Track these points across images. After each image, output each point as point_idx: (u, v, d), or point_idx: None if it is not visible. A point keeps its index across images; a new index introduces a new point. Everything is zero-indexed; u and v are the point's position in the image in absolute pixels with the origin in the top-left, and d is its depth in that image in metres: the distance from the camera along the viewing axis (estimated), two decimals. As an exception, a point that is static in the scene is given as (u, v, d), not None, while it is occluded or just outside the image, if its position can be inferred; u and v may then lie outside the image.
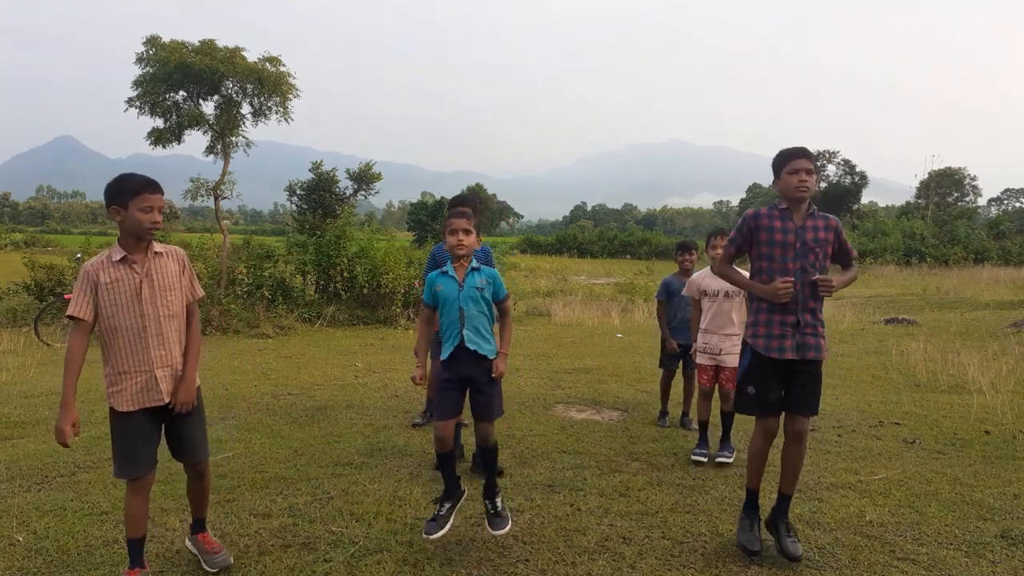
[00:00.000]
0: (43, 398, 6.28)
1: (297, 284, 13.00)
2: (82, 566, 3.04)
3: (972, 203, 64.82)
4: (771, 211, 3.24)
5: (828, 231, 3.20)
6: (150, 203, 2.75)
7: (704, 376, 4.82)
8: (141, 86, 35.32)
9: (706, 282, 4.79)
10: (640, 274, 28.19)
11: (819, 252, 3.17)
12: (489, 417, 3.29)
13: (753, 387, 3.24)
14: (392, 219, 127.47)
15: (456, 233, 3.27)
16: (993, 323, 11.94)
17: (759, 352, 3.22)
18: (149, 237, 2.80)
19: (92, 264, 2.82)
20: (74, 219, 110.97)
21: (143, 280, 2.80)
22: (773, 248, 3.18)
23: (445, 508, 3.25)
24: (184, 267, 2.95)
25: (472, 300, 3.27)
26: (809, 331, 3.17)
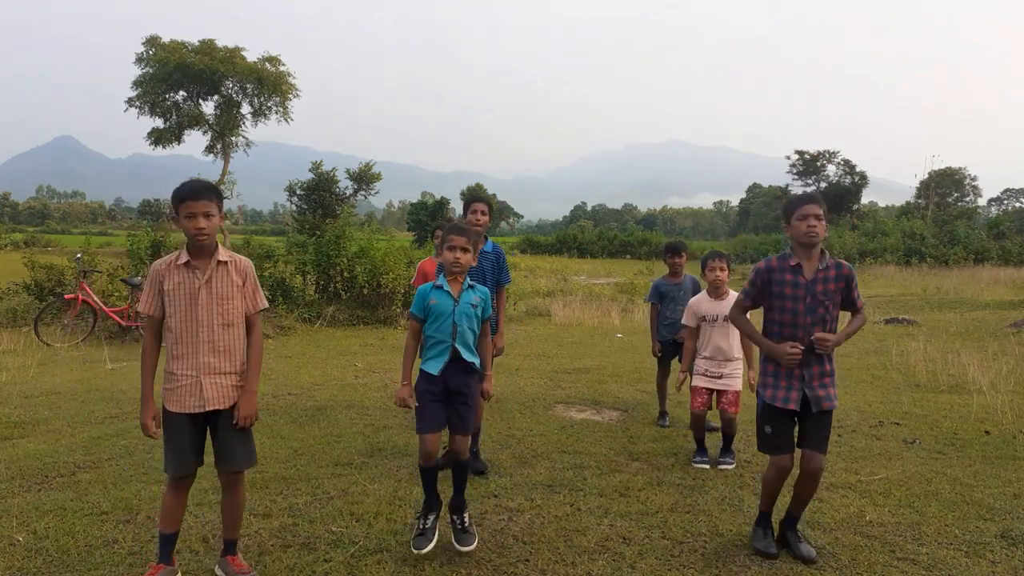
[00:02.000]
0: (43, 398, 6.28)
1: (297, 284, 12.99)
2: (82, 566, 3.04)
3: (972, 203, 64.87)
4: (781, 264, 3.25)
5: (839, 280, 3.22)
6: (192, 210, 2.76)
7: (699, 399, 4.70)
8: (141, 86, 35.16)
9: (704, 307, 4.75)
10: (640, 274, 28.19)
11: (829, 304, 3.20)
12: (466, 430, 3.30)
13: (770, 427, 3.30)
14: (392, 219, 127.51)
15: (455, 250, 3.27)
16: (993, 323, 11.94)
17: (767, 402, 3.29)
18: (199, 242, 2.80)
19: (159, 264, 2.86)
20: (74, 219, 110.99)
21: (202, 286, 2.81)
22: (784, 301, 3.23)
23: (430, 520, 3.23)
24: (247, 278, 2.94)
25: (466, 316, 3.27)
26: (816, 383, 3.20)
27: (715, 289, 4.72)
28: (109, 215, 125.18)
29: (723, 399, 4.68)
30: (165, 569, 2.87)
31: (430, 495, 3.29)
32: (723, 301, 4.67)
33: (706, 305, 4.75)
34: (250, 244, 13.85)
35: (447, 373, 3.25)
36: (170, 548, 2.91)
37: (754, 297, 3.35)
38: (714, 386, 4.69)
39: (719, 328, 4.66)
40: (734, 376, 4.67)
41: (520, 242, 57.51)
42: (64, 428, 5.28)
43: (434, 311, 3.27)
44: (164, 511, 2.89)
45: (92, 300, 10.27)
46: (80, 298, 10.23)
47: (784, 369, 3.23)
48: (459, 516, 3.29)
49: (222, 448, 2.91)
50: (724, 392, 4.68)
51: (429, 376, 3.28)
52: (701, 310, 4.76)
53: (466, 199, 4.75)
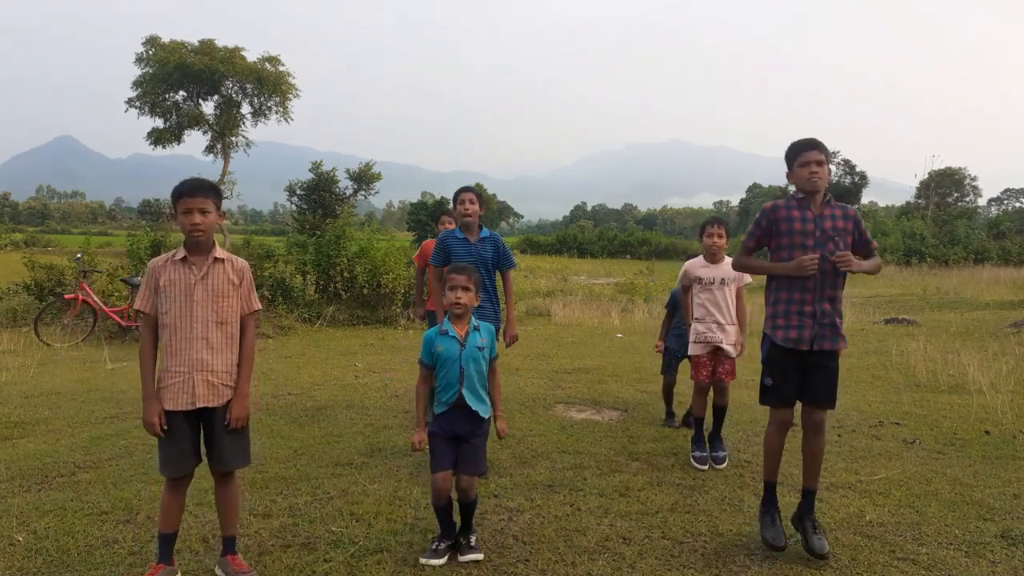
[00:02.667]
0: (43, 398, 6.28)
1: (297, 284, 12.99)
2: (82, 566, 3.04)
3: (972, 203, 64.85)
4: (788, 202, 3.26)
5: (847, 220, 3.21)
6: (188, 206, 2.78)
7: (703, 371, 4.69)
8: (141, 86, 35.20)
9: (699, 270, 4.73)
10: (640, 274, 28.17)
11: (838, 241, 3.17)
12: (474, 471, 3.24)
13: (771, 379, 3.26)
14: (392, 219, 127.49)
15: (455, 290, 3.23)
16: (993, 323, 11.94)
17: (777, 343, 3.24)
18: (194, 239, 2.81)
19: (157, 261, 2.88)
20: (74, 219, 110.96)
21: (198, 282, 2.82)
22: (793, 237, 3.20)
23: (443, 545, 3.20)
24: (243, 278, 2.95)
25: (473, 360, 3.24)
26: (827, 321, 3.18)
27: (711, 255, 4.71)
28: (109, 215, 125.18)
29: (720, 368, 4.67)
30: (165, 569, 2.87)
31: (445, 526, 3.25)
32: (719, 265, 4.67)
33: (701, 268, 4.73)
34: (250, 244, 13.84)
35: (453, 417, 3.24)
36: (170, 548, 2.91)
37: (759, 237, 3.32)
38: (713, 344, 4.63)
39: (715, 291, 4.64)
40: (730, 343, 4.65)
41: (520, 242, 57.50)
42: (64, 428, 5.27)
43: (441, 357, 3.25)
44: (163, 511, 2.90)
45: (92, 300, 10.27)
46: (80, 298, 10.23)
47: (795, 307, 3.19)
48: (466, 537, 3.27)
49: (214, 447, 2.91)
50: (721, 361, 4.67)
51: (437, 417, 3.29)
52: (696, 272, 4.74)
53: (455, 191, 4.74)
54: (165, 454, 2.85)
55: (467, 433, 3.24)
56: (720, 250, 4.70)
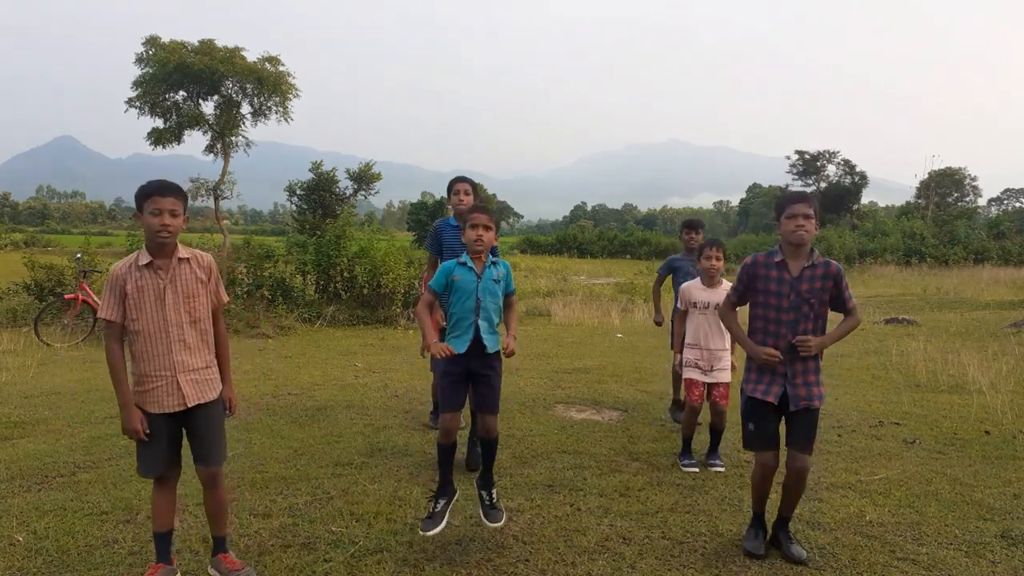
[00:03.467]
0: (43, 398, 6.28)
1: (297, 284, 12.98)
2: (82, 566, 3.04)
3: (972, 203, 64.86)
4: (768, 260, 3.25)
5: (827, 279, 3.19)
6: (159, 206, 2.74)
7: (695, 392, 4.68)
8: (141, 86, 35.16)
9: (696, 294, 4.73)
10: (640, 274, 28.18)
11: (814, 303, 3.18)
12: (493, 409, 3.33)
13: (752, 423, 3.31)
14: (392, 219, 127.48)
15: (477, 228, 3.29)
16: (993, 323, 11.94)
17: (748, 395, 3.30)
18: (160, 240, 2.77)
19: (119, 267, 2.82)
20: (74, 219, 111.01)
21: (167, 286, 2.80)
22: (768, 297, 3.23)
23: (440, 504, 3.26)
24: (211, 273, 2.95)
25: (489, 292, 3.30)
26: (799, 381, 3.20)
27: (709, 278, 4.71)
28: (109, 215, 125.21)
29: (714, 392, 4.67)
30: (164, 569, 2.87)
31: (444, 478, 3.31)
32: (716, 289, 4.66)
33: (698, 292, 4.72)
34: (250, 244, 13.81)
35: (469, 356, 3.26)
36: (167, 547, 2.91)
37: (741, 293, 3.37)
38: (706, 379, 4.67)
39: (710, 316, 4.64)
40: (724, 368, 4.66)
41: (520, 242, 57.49)
42: (64, 428, 5.27)
43: (457, 287, 3.29)
44: (154, 511, 2.91)
45: (92, 300, 10.27)
46: (80, 298, 10.23)
47: (768, 365, 3.23)
48: (487, 492, 3.34)
49: (200, 446, 2.90)
50: (716, 385, 4.67)
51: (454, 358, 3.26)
52: (693, 296, 4.74)
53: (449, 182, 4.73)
54: (144, 456, 2.84)
55: (481, 366, 3.29)
56: (717, 272, 4.70)
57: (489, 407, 3.32)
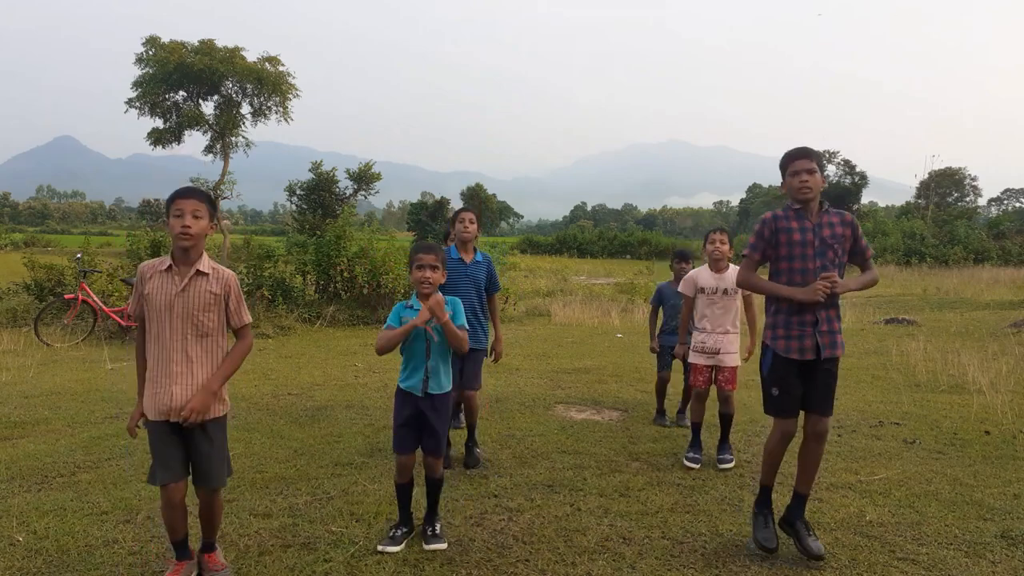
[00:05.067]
0: (43, 398, 6.28)
1: (297, 284, 12.99)
2: (82, 566, 3.04)
3: (972, 203, 64.82)
4: (786, 212, 3.24)
5: (844, 227, 3.19)
6: (180, 207, 2.75)
7: (700, 377, 4.69)
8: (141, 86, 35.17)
9: (704, 279, 4.71)
10: (640, 274, 28.20)
11: (837, 248, 3.16)
12: (437, 453, 3.35)
13: (777, 388, 3.23)
14: (392, 219, 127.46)
15: (423, 269, 3.25)
16: (993, 323, 11.94)
17: (779, 354, 3.22)
18: (182, 244, 2.77)
19: (144, 265, 2.87)
20: (74, 219, 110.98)
21: (178, 295, 2.78)
22: (792, 248, 3.18)
23: (401, 532, 3.32)
24: (230, 291, 2.89)
25: (438, 331, 3.27)
26: (825, 328, 3.17)
27: (715, 262, 4.69)
28: (109, 215, 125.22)
29: (720, 376, 4.64)
30: (188, 565, 2.91)
31: (403, 514, 3.38)
32: (723, 275, 4.65)
33: (706, 277, 4.70)
34: (250, 244, 13.83)
35: (419, 401, 3.29)
36: (184, 548, 2.94)
37: (763, 248, 3.29)
38: (711, 362, 4.66)
39: (718, 301, 4.62)
40: (731, 351, 4.64)
41: (520, 242, 57.49)
42: (64, 428, 5.27)
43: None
44: (165, 522, 2.89)
45: (92, 300, 10.27)
46: (80, 298, 10.23)
47: (796, 317, 3.16)
48: (431, 526, 3.37)
49: (199, 464, 2.86)
50: (721, 369, 4.65)
51: (403, 397, 3.34)
52: (700, 281, 4.72)
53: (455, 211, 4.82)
54: (154, 461, 2.83)
55: (429, 412, 3.30)
56: (723, 257, 4.69)
57: (432, 451, 3.35)
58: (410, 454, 3.34)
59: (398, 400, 3.36)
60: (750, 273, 3.36)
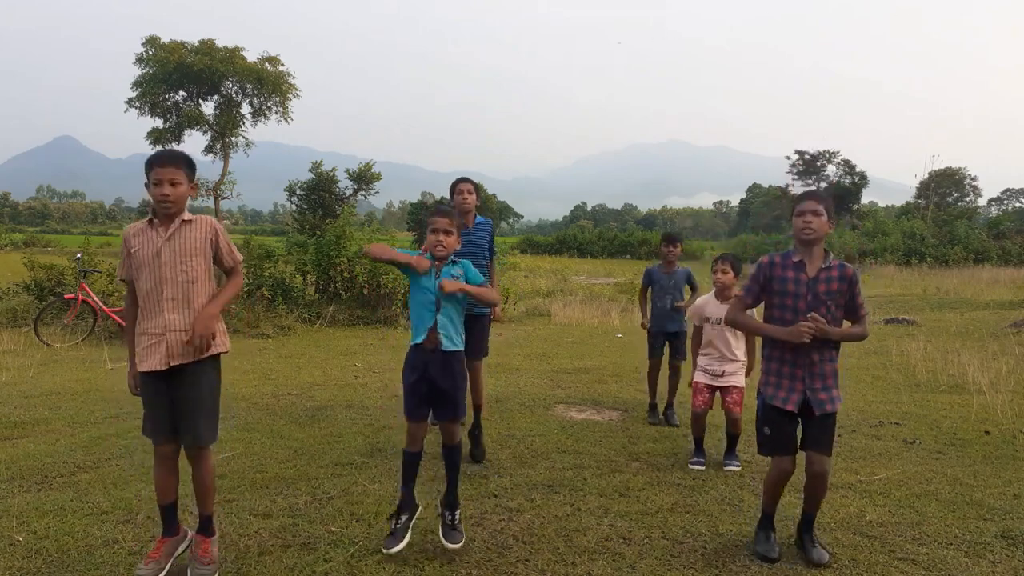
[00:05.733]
0: (43, 398, 6.28)
1: (297, 284, 12.99)
2: (82, 566, 3.04)
3: (972, 203, 64.84)
4: (785, 261, 3.22)
5: (842, 282, 3.17)
6: (159, 176, 2.76)
7: (699, 398, 4.68)
8: (141, 86, 35.22)
9: (709, 309, 4.75)
10: (640, 274, 28.23)
11: (831, 304, 3.15)
12: (452, 416, 3.26)
13: (768, 428, 3.25)
14: (392, 219, 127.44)
15: (437, 233, 3.21)
16: (993, 323, 11.95)
17: (767, 401, 3.25)
18: (163, 210, 2.79)
19: (128, 228, 2.91)
20: (74, 219, 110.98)
21: (164, 244, 2.82)
22: (785, 298, 3.19)
23: (402, 520, 3.21)
24: (215, 234, 2.92)
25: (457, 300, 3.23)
26: (819, 385, 3.16)
27: (720, 292, 4.73)
28: (109, 215, 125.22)
29: (727, 398, 4.64)
30: (170, 542, 2.93)
31: (406, 491, 3.26)
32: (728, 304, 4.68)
33: (712, 307, 4.73)
34: (250, 244, 13.81)
35: (428, 364, 3.20)
36: (172, 518, 2.95)
37: (756, 294, 3.31)
38: (716, 383, 4.67)
39: (721, 330, 4.64)
40: (737, 373, 4.66)
41: (520, 242, 57.48)
42: (64, 428, 5.27)
43: (417, 284, 3.24)
44: (156, 485, 2.93)
45: (92, 300, 10.27)
46: (80, 298, 10.23)
47: (786, 368, 3.19)
48: (451, 512, 3.28)
49: (185, 415, 2.85)
50: (728, 391, 4.64)
51: (411, 358, 3.24)
52: (706, 311, 4.76)
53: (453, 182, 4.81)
54: (145, 416, 2.88)
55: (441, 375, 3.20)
56: (727, 287, 4.70)
57: (448, 415, 3.25)
58: (421, 421, 3.24)
59: (407, 360, 3.26)
60: (738, 313, 3.42)
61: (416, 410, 3.24)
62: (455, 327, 3.26)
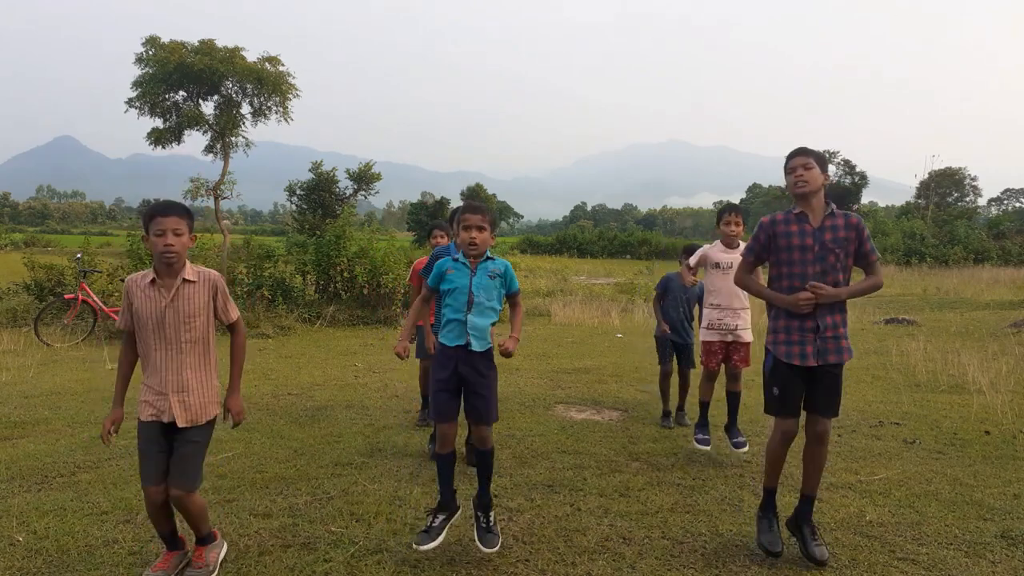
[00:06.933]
0: (43, 398, 6.28)
1: (297, 284, 12.99)
2: (82, 566, 3.04)
3: (972, 203, 64.81)
4: (787, 216, 3.22)
5: (849, 230, 3.14)
6: (162, 226, 2.76)
7: (713, 359, 4.68)
8: (141, 86, 35.16)
9: (718, 255, 4.72)
10: (640, 274, 28.18)
11: (839, 252, 3.12)
12: (487, 420, 3.19)
13: (778, 388, 3.22)
14: (392, 219, 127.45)
15: (470, 230, 3.14)
16: (993, 323, 11.94)
17: (779, 359, 3.21)
18: (166, 260, 2.78)
19: (130, 279, 2.90)
20: (74, 219, 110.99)
21: (168, 306, 2.81)
22: (792, 252, 3.17)
23: (439, 520, 3.16)
24: (217, 290, 2.93)
25: (483, 288, 3.16)
26: (830, 334, 3.14)
27: (729, 243, 4.73)
28: (109, 215, 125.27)
29: (736, 355, 4.64)
30: (178, 555, 2.95)
31: (445, 492, 3.22)
32: (736, 251, 4.67)
33: (718, 253, 4.72)
34: (250, 244, 13.82)
35: (459, 360, 3.14)
36: (174, 538, 2.98)
37: (758, 252, 3.30)
38: (725, 339, 4.64)
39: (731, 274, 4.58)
40: (745, 328, 4.65)
41: (520, 242, 57.46)
42: (64, 428, 5.27)
43: (450, 281, 3.17)
44: (152, 520, 2.95)
45: (92, 300, 10.28)
46: (80, 298, 10.24)
47: (796, 322, 3.16)
48: (484, 514, 3.21)
49: (176, 466, 2.86)
50: (737, 347, 4.64)
51: (440, 357, 3.18)
52: (714, 257, 4.73)
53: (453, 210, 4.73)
54: (142, 464, 2.87)
55: (472, 374, 3.14)
56: (736, 238, 4.71)
57: (481, 418, 3.17)
58: (452, 422, 3.17)
59: (436, 359, 3.19)
60: (745, 275, 3.41)
61: (446, 410, 3.16)
62: (485, 325, 3.18)
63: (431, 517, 3.19)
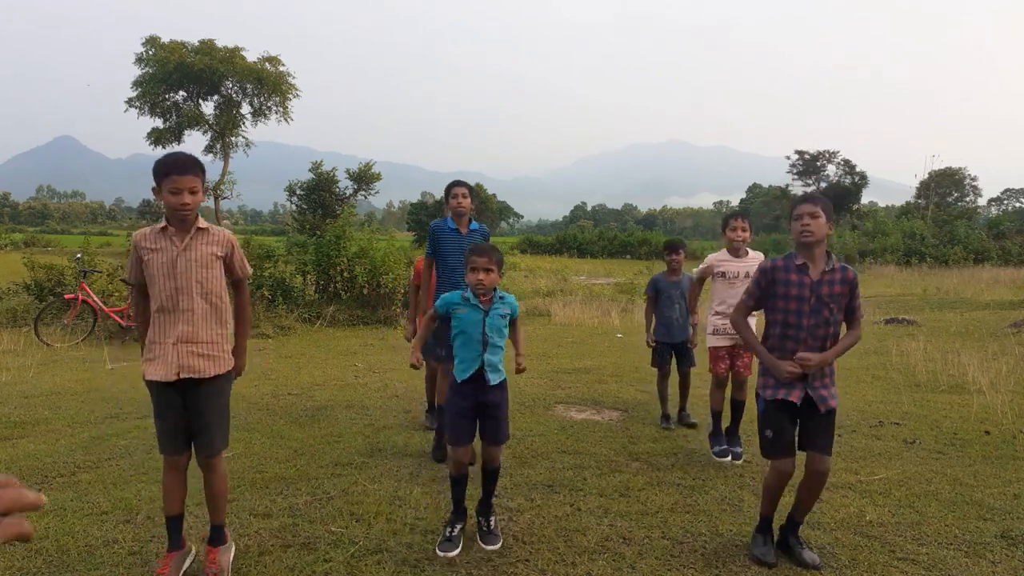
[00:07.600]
0: (43, 398, 6.28)
1: (297, 284, 12.99)
2: (82, 566, 3.04)
3: (972, 203, 64.80)
4: (787, 264, 3.22)
5: (844, 284, 3.17)
6: (178, 185, 2.72)
7: (721, 364, 4.68)
8: (141, 86, 35.26)
9: (724, 264, 4.72)
10: (640, 274, 28.17)
11: (833, 307, 3.15)
12: (499, 441, 3.37)
13: (771, 431, 3.25)
14: (392, 219, 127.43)
15: (477, 272, 3.22)
16: (993, 323, 11.94)
17: (767, 400, 3.25)
18: (180, 218, 2.78)
19: (138, 233, 2.88)
20: (74, 219, 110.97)
21: (180, 254, 2.80)
22: (788, 302, 3.19)
23: (456, 530, 3.31)
24: (230, 248, 2.94)
25: (496, 329, 3.29)
26: (818, 383, 3.17)
27: (735, 250, 4.71)
28: (109, 215, 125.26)
29: (739, 362, 4.64)
30: (177, 555, 2.92)
31: (458, 506, 3.38)
32: (744, 260, 4.67)
33: (726, 264, 4.71)
34: (250, 244, 13.82)
35: (476, 389, 3.29)
36: (178, 531, 2.95)
37: (758, 298, 3.32)
38: (732, 343, 4.63)
39: (739, 284, 4.60)
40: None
41: (520, 242, 57.45)
42: (64, 428, 5.27)
43: (462, 320, 3.26)
44: (165, 494, 2.93)
45: (92, 300, 10.27)
46: (80, 298, 10.23)
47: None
48: (485, 519, 3.39)
49: (198, 426, 2.87)
50: (740, 354, 4.63)
51: (459, 388, 3.31)
52: (721, 267, 4.71)
53: (448, 185, 4.75)
54: (159, 430, 2.87)
55: (488, 399, 3.31)
56: (743, 245, 4.70)
57: (495, 439, 3.36)
58: (467, 446, 3.31)
59: (455, 392, 3.32)
60: (741, 318, 3.45)
61: (464, 436, 3.30)
62: (498, 359, 3.37)
63: (449, 528, 3.32)
